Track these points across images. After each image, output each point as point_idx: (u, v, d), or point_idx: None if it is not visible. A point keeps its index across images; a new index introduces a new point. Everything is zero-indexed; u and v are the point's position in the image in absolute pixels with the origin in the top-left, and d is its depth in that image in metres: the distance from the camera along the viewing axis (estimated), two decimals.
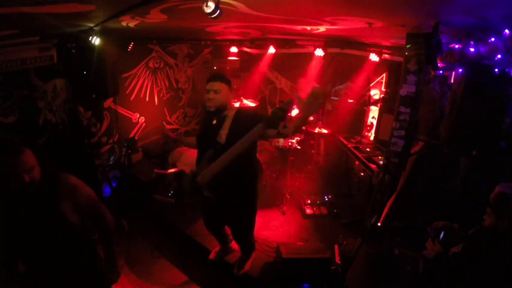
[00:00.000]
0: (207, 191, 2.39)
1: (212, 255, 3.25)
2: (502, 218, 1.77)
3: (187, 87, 5.89)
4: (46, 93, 3.71)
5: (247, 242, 3.03)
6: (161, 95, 5.49)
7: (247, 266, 3.10)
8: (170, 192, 4.30)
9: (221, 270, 3.23)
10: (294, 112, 4.70)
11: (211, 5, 1.66)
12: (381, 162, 3.68)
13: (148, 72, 5.13)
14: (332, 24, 2.86)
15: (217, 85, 2.45)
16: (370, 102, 4.93)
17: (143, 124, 5.30)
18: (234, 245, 3.32)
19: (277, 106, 2.14)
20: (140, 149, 5.02)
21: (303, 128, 4.94)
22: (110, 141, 4.74)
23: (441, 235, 2.13)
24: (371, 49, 4.27)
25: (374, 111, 4.86)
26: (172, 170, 4.31)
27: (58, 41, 3.44)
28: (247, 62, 6.01)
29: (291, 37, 4.74)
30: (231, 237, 3.23)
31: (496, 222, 1.81)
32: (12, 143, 1.58)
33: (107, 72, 3.61)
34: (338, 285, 2.86)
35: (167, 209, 4.15)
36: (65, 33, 3.33)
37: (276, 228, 3.83)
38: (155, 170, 4.42)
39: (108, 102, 4.59)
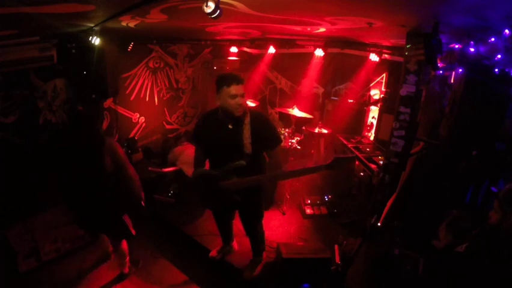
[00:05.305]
0: (235, 195, 2.42)
1: (213, 253, 3.25)
2: (508, 215, 1.77)
3: (187, 87, 5.89)
4: (46, 93, 3.72)
5: (259, 234, 3.02)
6: (161, 95, 5.49)
7: (258, 269, 3.07)
8: (170, 192, 4.29)
9: (221, 270, 3.23)
10: (298, 113, 4.72)
11: (211, 5, 1.66)
12: (381, 162, 3.67)
13: (148, 72, 5.13)
14: (332, 24, 2.86)
15: (242, 88, 2.34)
16: (370, 102, 4.93)
17: (143, 124, 5.30)
18: (235, 245, 3.32)
19: (339, 156, 2.25)
20: (140, 149, 5.02)
21: (303, 128, 4.96)
22: None
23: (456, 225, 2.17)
24: (371, 49, 4.27)
25: (374, 111, 4.85)
26: (169, 169, 4.30)
27: (58, 41, 3.44)
28: (247, 62, 6.01)
29: (291, 37, 4.74)
30: (233, 236, 3.25)
31: (501, 219, 1.81)
32: None
33: (107, 72, 3.61)
34: (338, 285, 2.87)
35: (167, 209, 4.15)
36: (65, 33, 3.33)
37: (276, 228, 3.83)
38: (150, 168, 4.40)
39: (108, 102, 4.59)
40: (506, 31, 1.94)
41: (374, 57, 4.24)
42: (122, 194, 2.76)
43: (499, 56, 2.33)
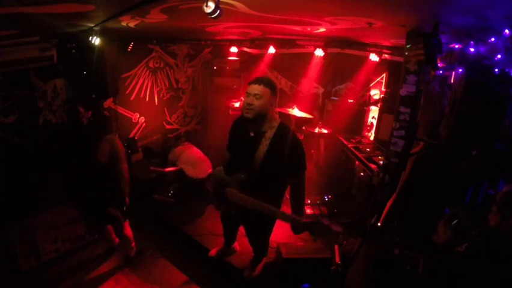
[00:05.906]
0: (234, 207, 2.39)
1: (213, 252, 3.24)
2: (507, 217, 1.77)
3: (187, 87, 5.89)
4: (46, 93, 3.72)
5: (263, 246, 3.02)
6: (161, 95, 5.49)
7: (258, 269, 3.07)
8: (170, 192, 4.29)
9: (221, 270, 3.23)
10: (298, 113, 4.71)
11: (211, 5, 1.66)
12: (381, 162, 3.67)
13: (148, 72, 5.13)
14: (332, 24, 2.86)
15: (259, 89, 2.21)
16: (370, 102, 4.92)
17: (143, 124, 5.30)
18: (236, 246, 3.32)
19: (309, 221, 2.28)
20: (140, 149, 5.01)
21: (303, 128, 4.95)
22: None
23: (455, 221, 2.16)
24: (371, 49, 4.26)
25: (374, 111, 4.85)
26: (171, 169, 4.29)
27: (58, 41, 3.44)
28: (247, 62, 6.00)
29: (291, 37, 4.74)
30: (234, 239, 3.25)
31: (501, 221, 1.81)
32: None
33: (107, 72, 3.60)
34: (338, 285, 2.86)
35: (167, 209, 4.15)
36: (65, 33, 3.33)
37: (276, 228, 3.80)
38: (151, 168, 4.40)
39: (108, 102, 4.59)
40: (506, 31, 1.94)
41: (374, 57, 4.24)
42: (112, 187, 2.99)
43: (499, 56, 2.34)
